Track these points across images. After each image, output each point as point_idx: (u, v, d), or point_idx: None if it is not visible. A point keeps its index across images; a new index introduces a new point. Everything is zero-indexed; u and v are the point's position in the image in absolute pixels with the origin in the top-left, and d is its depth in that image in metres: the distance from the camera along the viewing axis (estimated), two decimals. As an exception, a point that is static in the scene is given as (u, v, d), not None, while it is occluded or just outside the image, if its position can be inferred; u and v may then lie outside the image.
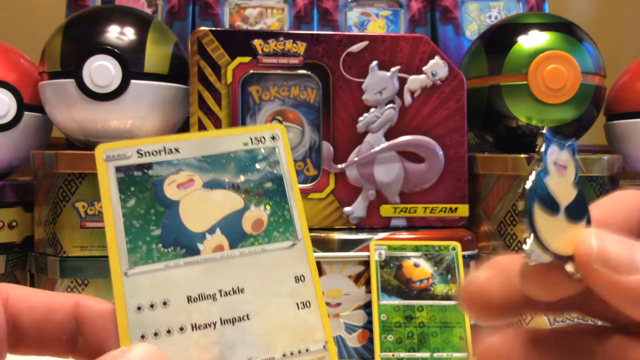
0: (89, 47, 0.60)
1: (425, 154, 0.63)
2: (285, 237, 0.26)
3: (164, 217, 0.25)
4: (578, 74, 0.64)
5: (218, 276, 0.25)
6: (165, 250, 0.25)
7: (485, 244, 0.65)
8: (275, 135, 0.28)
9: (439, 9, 0.81)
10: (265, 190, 0.27)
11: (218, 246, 0.25)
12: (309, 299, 0.25)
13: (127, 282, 0.24)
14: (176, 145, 0.26)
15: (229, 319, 0.24)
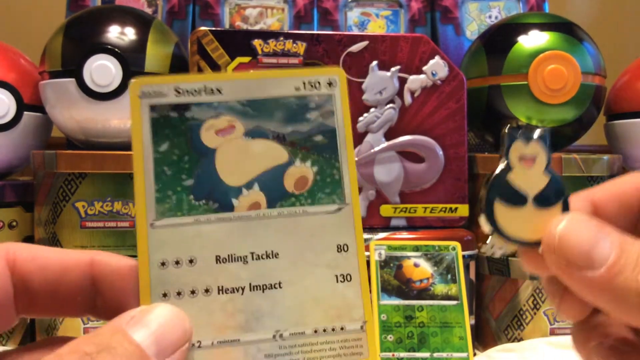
0: (90, 47, 0.60)
1: (425, 154, 0.63)
2: (332, 199, 0.23)
3: (198, 166, 0.23)
4: (578, 74, 0.64)
5: (251, 237, 0.23)
6: (196, 203, 0.23)
7: (485, 243, 0.65)
8: (333, 80, 0.25)
9: (439, 9, 0.81)
10: (315, 144, 0.24)
11: (254, 203, 0.23)
12: (350, 272, 0.23)
13: (153, 234, 0.22)
14: (219, 85, 0.23)
15: (258, 285, 0.22)
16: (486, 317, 0.65)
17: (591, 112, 0.67)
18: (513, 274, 0.62)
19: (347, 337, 0.23)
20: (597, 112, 0.68)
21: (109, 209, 0.59)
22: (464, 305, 0.56)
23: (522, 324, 0.62)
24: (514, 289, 0.62)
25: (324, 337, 0.22)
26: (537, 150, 0.25)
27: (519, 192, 0.24)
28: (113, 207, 0.59)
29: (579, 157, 0.61)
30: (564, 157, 0.61)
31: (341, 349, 0.22)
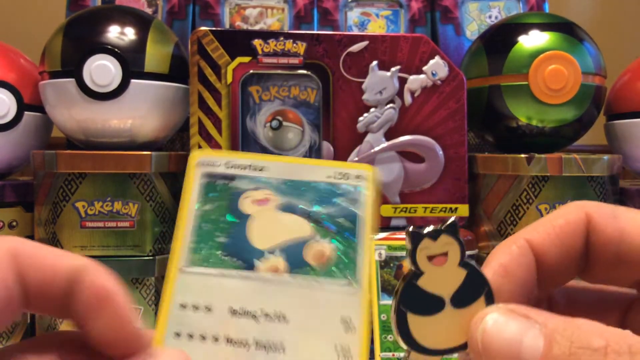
0: (90, 47, 0.60)
1: (425, 154, 0.63)
2: (344, 276, 0.25)
3: (232, 227, 0.26)
4: (578, 74, 0.64)
5: (265, 297, 0.24)
6: (224, 258, 0.25)
7: (485, 244, 0.65)
8: (362, 174, 0.27)
9: (439, 9, 0.81)
10: (338, 225, 0.26)
11: (274, 267, 0.25)
12: (351, 348, 0.24)
13: (181, 277, 0.24)
14: (263, 165, 0.27)
15: (264, 344, 0.24)
16: (486, 317, 0.65)
17: (591, 112, 0.67)
18: (513, 274, 0.62)
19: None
20: (597, 112, 0.68)
21: (109, 209, 0.59)
22: (464, 305, 0.56)
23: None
24: (514, 289, 0.62)
25: None
26: (448, 243, 0.23)
27: (434, 297, 0.22)
28: (113, 207, 0.59)
29: (579, 157, 0.61)
30: (564, 157, 0.61)
31: None
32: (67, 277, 0.21)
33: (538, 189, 0.62)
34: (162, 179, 0.61)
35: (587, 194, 0.62)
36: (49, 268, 0.21)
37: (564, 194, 0.62)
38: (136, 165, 0.59)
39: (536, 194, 0.62)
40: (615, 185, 0.65)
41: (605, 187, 0.63)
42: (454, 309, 0.22)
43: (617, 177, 0.66)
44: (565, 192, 0.62)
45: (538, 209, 0.62)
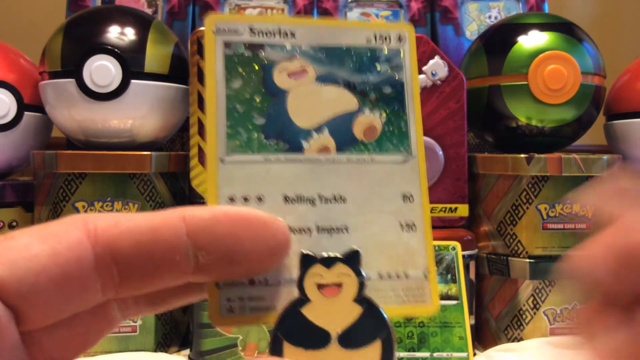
0: (90, 47, 0.60)
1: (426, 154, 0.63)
2: (399, 150, 0.23)
3: (270, 106, 0.23)
4: (578, 74, 0.64)
5: (320, 180, 0.22)
6: (267, 141, 0.22)
7: (485, 243, 0.65)
8: (403, 36, 0.25)
9: (439, 10, 0.81)
10: (383, 95, 0.24)
11: (324, 147, 0.23)
12: (415, 221, 0.23)
13: (223, 169, 0.22)
14: (293, 29, 0.24)
15: (326, 227, 0.22)
16: (486, 317, 0.65)
17: (591, 112, 0.67)
18: (513, 274, 0.62)
19: (411, 284, 0.22)
20: (596, 112, 0.68)
21: (109, 209, 0.59)
22: (464, 305, 0.56)
23: (522, 324, 0.62)
24: (513, 288, 0.62)
25: (388, 282, 0.22)
26: (344, 274, 0.21)
27: (318, 330, 0.20)
28: (113, 207, 0.59)
29: (578, 157, 0.62)
30: (563, 157, 0.61)
31: (405, 296, 0.22)
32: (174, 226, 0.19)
33: (538, 188, 0.62)
34: (162, 179, 0.61)
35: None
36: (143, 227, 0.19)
37: (564, 194, 0.62)
38: (136, 165, 0.59)
39: (536, 193, 0.62)
40: (615, 185, 0.65)
41: (605, 187, 0.63)
42: (341, 348, 0.20)
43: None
44: (565, 192, 0.62)
45: (538, 208, 0.62)
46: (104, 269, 0.19)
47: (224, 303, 0.21)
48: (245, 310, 0.21)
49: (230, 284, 0.21)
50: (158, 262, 0.19)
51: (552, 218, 0.62)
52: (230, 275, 0.20)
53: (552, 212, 0.62)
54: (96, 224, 0.19)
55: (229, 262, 0.20)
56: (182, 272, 0.20)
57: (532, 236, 0.62)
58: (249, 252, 0.20)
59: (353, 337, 0.20)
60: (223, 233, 0.20)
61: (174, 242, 0.19)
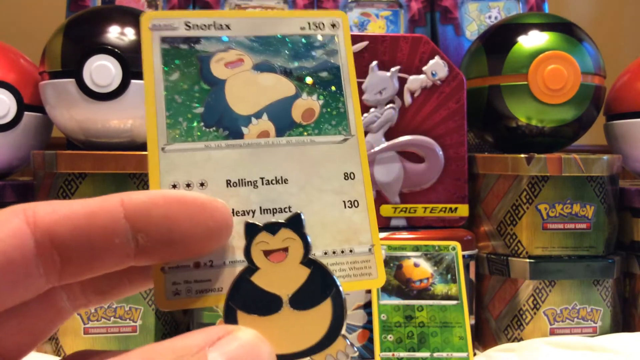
0: (90, 47, 0.60)
1: (425, 154, 0.63)
2: (338, 130, 0.24)
3: (208, 95, 0.23)
4: (578, 74, 0.64)
5: (261, 163, 0.23)
6: (206, 129, 0.23)
7: (485, 243, 0.65)
8: (336, 22, 0.25)
9: (439, 10, 0.81)
10: (320, 79, 0.25)
11: (264, 132, 0.23)
12: (357, 198, 0.23)
13: (164, 157, 0.22)
14: (227, 22, 0.24)
15: (269, 209, 0.22)
16: (486, 317, 0.65)
17: (591, 112, 0.67)
18: (513, 274, 0.62)
19: (356, 259, 0.23)
20: (596, 112, 0.68)
21: (109, 209, 0.59)
22: (464, 305, 0.56)
23: (522, 324, 0.62)
24: (513, 288, 0.62)
25: (333, 258, 0.23)
26: (288, 239, 0.21)
27: (269, 296, 0.21)
28: (113, 207, 0.59)
29: (578, 157, 0.62)
30: (563, 157, 0.61)
31: (350, 270, 0.23)
32: (112, 210, 0.20)
33: (538, 188, 0.62)
34: (162, 179, 0.61)
35: (587, 194, 0.63)
36: (81, 212, 0.20)
37: (564, 194, 0.62)
38: (136, 165, 0.59)
39: (536, 194, 0.62)
40: (615, 185, 0.65)
41: (605, 187, 0.64)
42: (294, 310, 0.21)
43: (616, 177, 0.66)
44: (565, 192, 0.62)
45: (538, 209, 0.62)
46: (45, 254, 0.19)
47: (169, 286, 0.21)
48: (192, 292, 0.21)
49: (175, 268, 0.21)
50: (97, 246, 0.19)
51: (552, 218, 0.62)
52: (172, 257, 0.21)
53: (552, 212, 0.62)
54: (35, 212, 0.19)
55: (169, 244, 0.20)
56: (123, 255, 0.20)
57: (532, 236, 0.62)
58: (189, 233, 0.20)
59: (303, 298, 0.21)
60: (160, 215, 0.20)
61: (111, 225, 0.19)
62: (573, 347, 0.57)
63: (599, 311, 0.62)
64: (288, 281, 0.21)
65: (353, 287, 0.22)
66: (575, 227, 0.62)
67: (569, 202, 0.62)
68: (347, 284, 0.22)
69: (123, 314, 0.59)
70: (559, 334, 0.62)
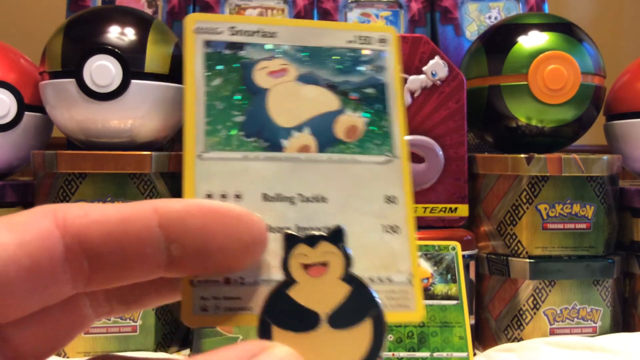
0: (90, 47, 0.60)
1: (425, 154, 0.63)
2: (381, 150, 0.23)
3: (249, 104, 0.23)
4: (578, 74, 0.64)
5: (300, 179, 0.22)
6: (246, 139, 0.22)
7: (485, 243, 0.65)
8: (385, 38, 0.24)
9: (439, 10, 0.81)
10: (366, 95, 0.23)
11: (304, 146, 0.22)
12: (398, 223, 0.22)
13: (200, 165, 0.21)
14: (274, 30, 0.23)
15: (305, 227, 0.21)
16: (486, 317, 0.65)
17: (591, 112, 0.67)
18: (513, 274, 0.62)
19: (394, 289, 0.21)
20: (596, 112, 0.68)
21: (109, 209, 0.59)
22: (464, 305, 0.56)
23: (522, 324, 0.62)
24: (513, 288, 0.62)
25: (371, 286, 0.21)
26: (328, 252, 0.20)
27: (307, 312, 0.20)
28: (113, 207, 0.59)
29: (578, 157, 0.62)
30: (563, 157, 0.61)
31: (387, 300, 0.21)
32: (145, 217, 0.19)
33: (538, 189, 0.62)
34: (162, 179, 0.61)
35: (587, 194, 0.63)
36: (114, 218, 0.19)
37: (564, 194, 0.62)
38: (136, 165, 0.59)
39: (536, 194, 0.62)
40: (615, 186, 0.66)
41: (605, 187, 0.64)
42: (332, 329, 0.19)
43: (616, 177, 0.66)
44: (565, 192, 0.62)
45: (538, 209, 0.62)
46: (73, 259, 0.18)
47: (197, 301, 0.20)
48: (220, 309, 0.20)
49: (205, 282, 0.20)
50: (129, 254, 0.19)
51: (552, 218, 0.62)
52: (204, 270, 0.20)
53: (552, 212, 0.62)
54: (65, 214, 0.18)
55: (202, 256, 0.19)
56: (154, 265, 0.19)
57: (532, 236, 0.62)
58: (223, 246, 0.19)
59: (343, 317, 0.20)
60: (195, 226, 0.19)
61: (145, 234, 0.19)
62: (573, 347, 0.57)
63: (599, 311, 0.62)
64: (327, 297, 0.20)
65: (390, 319, 0.21)
66: (575, 227, 0.62)
67: (569, 202, 0.62)
68: (385, 315, 0.21)
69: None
70: (558, 334, 0.62)
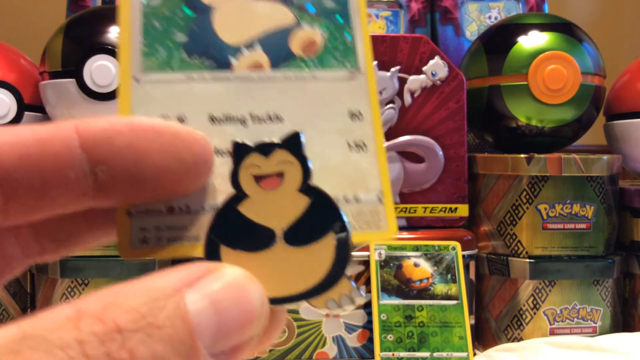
0: (90, 47, 0.60)
1: (425, 154, 0.63)
2: (343, 65, 0.21)
3: (193, 22, 0.20)
4: (578, 74, 0.64)
5: (252, 98, 0.20)
6: (189, 59, 0.20)
7: (485, 243, 0.65)
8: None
9: (439, 10, 0.81)
10: (324, 9, 0.21)
11: (256, 63, 0.20)
12: (365, 140, 0.20)
13: (137, 89, 0.19)
14: None
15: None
16: (486, 317, 0.65)
17: (591, 112, 0.67)
18: (513, 274, 0.62)
19: (363, 209, 0.20)
20: (596, 112, 0.68)
21: (109, 209, 0.59)
22: (464, 305, 0.56)
23: (521, 324, 0.62)
24: (513, 288, 0.62)
25: None
26: (285, 162, 0.18)
27: (260, 229, 0.17)
28: (113, 207, 0.59)
29: (578, 157, 0.62)
30: (563, 157, 0.61)
31: (357, 222, 0.19)
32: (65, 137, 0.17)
33: (538, 188, 0.62)
34: (163, 179, 0.61)
35: (587, 194, 0.63)
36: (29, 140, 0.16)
37: (564, 194, 0.62)
38: (136, 165, 0.59)
39: (536, 193, 0.62)
40: (615, 185, 0.66)
41: (605, 187, 0.64)
42: (289, 246, 0.17)
43: (616, 177, 0.66)
44: (565, 192, 0.62)
45: (537, 209, 0.62)
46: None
47: (136, 232, 0.18)
48: (162, 240, 0.18)
49: (144, 212, 0.18)
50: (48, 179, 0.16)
51: (552, 218, 0.62)
52: (139, 197, 0.17)
53: (552, 212, 0.62)
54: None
55: (135, 180, 0.17)
56: (79, 191, 0.17)
57: (532, 236, 0.62)
58: (160, 168, 0.17)
59: (301, 232, 0.18)
60: (124, 144, 0.17)
61: (65, 155, 0.16)
62: (573, 347, 0.58)
63: (599, 311, 0.62)
64: (283, 212, 0.18)
65: (360, 239, 0.19)
66: (575, 227, 0.62)
67: (568, 202, 0.62)
68: (353, 236, 0.19)
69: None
70: (558, 334, 0.62)
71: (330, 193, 0.19)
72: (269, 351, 0.58)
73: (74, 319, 0.14)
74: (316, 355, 0.58)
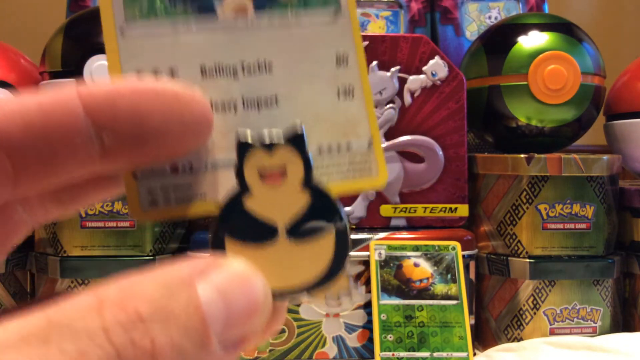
0: (90, 47, 0.60)
1: (425, 154, 0.63)
2: (326, 3, 0.20)
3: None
4: (578, 75, 0.64)
5: (240, 46, 0.20)
6: (171, 6, 0.19)
7: (485, 243, 0.65)
8: None
9: (439, 10, 0.81)
10: None
11: (241, 7, 0.20)
12: (353, 85, 0.20)
13: (124, 41, 0.19)
14: None
15: (253, 100, 0.19)
16: (486, 316, 0.65)
17: (591, 112, 0.67)
18: (513, 274, 0.62)
19: (354, 156, 0.20)
20: (596, 112, 0.68)
21: (109, 208, 0.59)
22: (464, 305, 0.56)
23: (521, 324, 0.62)
24: (513, 288, 0.62)
25: (328, 156, 0.20)
26: (287, 157, 0.18)
27: (263, 224, 0.18)
28: (113, 206, 0.59)
29: (578, 157, 0.62)
30: (563, 157, 0.61)
31: (348, 169, 0.20)
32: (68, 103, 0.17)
33: (537, 188, 0.62)
34: (163, 179, 0.61)
35: (587, 194, 0.63)
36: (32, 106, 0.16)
37: (564, 194, 0.62)
38: (136, 165, 0.59)
39: (536, 194, 0.62)
40: (615, 186, 0.66)
41: (605, 187, 0.64)
42: (290, 240, 0.18)
43: (616, 177, 0.66)
44: (565, 192, 0.62)
45: (537, 209, 0.62)
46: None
47: (144, 195, 0.18)
48: (171, 201, 0.19)
49: (149, 173, 0.19)
50: (55, 147, 0.16)
51: (552, 218, 0.62)
52: (144, 159, 0.18)
53: (552, 212, 0.62)
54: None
55: (139, 142, 0.17)
56: (86, 157, 0.17)
57: (532, 236, 0.62)
58: (161, 129, 0.17)
59: (302, 227, 0.18)
60: (127, 107, 0.17)
61: (70, 122, 0.16)
62: (573, 347, 0.58)
63: (599, 311, 0.62)
64: (285, 207, 0.18)
65: (352, 186, 0.20)
66: (575, 227, 0.62)
67: (568, 202, 0.62)
68: (345, 184, 0.20)
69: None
70: (558, 334, 0.62)
71: (323, 141, 0.19)
72: (268, 351, 0.58)
73: (97, 307, 0.14)
74: (316, 355, 0.58)
